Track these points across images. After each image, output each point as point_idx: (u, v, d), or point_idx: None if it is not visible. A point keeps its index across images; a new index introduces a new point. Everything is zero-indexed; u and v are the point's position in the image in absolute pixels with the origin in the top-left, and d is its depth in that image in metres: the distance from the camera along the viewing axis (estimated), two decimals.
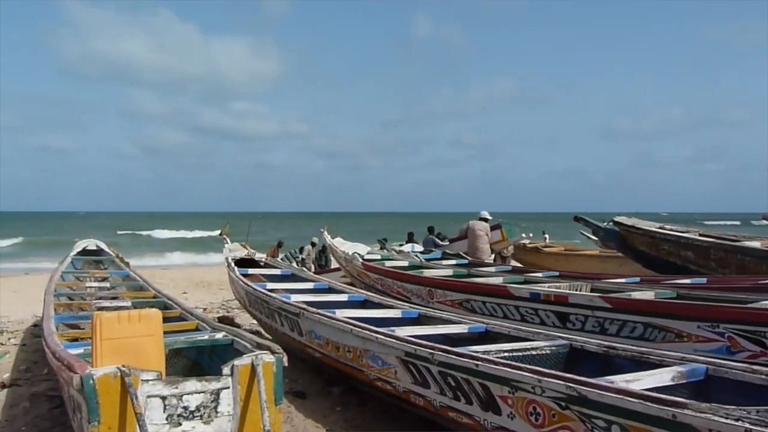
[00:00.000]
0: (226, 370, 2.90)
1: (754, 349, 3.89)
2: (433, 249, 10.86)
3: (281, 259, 14.87)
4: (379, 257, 9.05)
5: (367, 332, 4.05)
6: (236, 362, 2.93)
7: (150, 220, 70.68)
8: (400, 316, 5.11)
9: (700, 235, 8.09)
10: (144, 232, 49.95)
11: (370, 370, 4.08)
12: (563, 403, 2.68)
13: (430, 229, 13.56)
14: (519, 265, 11.55)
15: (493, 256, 12.36)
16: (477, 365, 3.11)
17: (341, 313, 4.83)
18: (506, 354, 3.52)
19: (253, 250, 8.55)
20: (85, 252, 9.20)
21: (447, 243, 12.23)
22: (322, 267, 15.32)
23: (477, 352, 3.39)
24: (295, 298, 5.62)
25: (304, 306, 5.03)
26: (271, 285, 6.66)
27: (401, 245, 11.06)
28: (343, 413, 4.47)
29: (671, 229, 8.33)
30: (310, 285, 6.76)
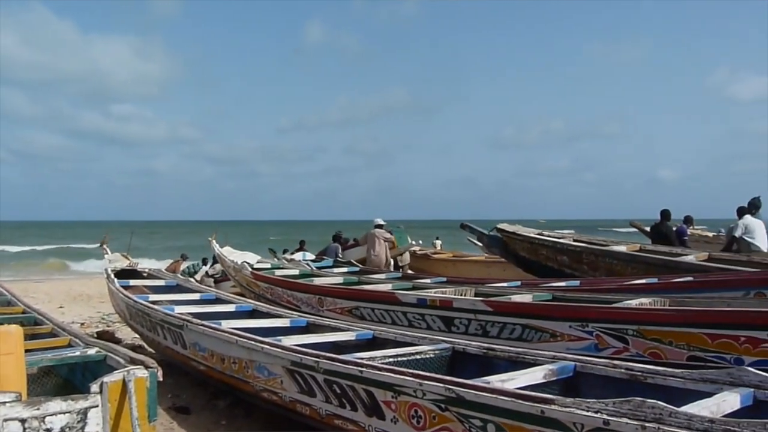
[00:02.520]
0: (94, 387, 2.74)
1: (618, 346, 4.19)
2: (339, 257, 10.85)
3: (181, 273, 14.16)
4: (269, 266, 8.92)
5: (253, 342, 3.98)
6: (106, 379, 2.77)
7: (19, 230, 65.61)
8: (288, 325, 5.07)
9: (574, 240, 8.63)
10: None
11: (256, 381, 4.01)
12: (443, 405, 2.76)
13: (335, 237, 13.51)
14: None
15: (392, 263, 12.55)
16: (361, 372, 3.14)
17: (227, 324, 4.72)
18: (391, 359, 3.57)
19: (135, 260, 8.16)
20: None
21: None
22: None
23: (362, 358, 3.43)
24: (179, 309, 5.42)
25: (188, 318, 4.87)
26: (154, 297, 6.39)
27: (292, 253, 10.98)
28: (229, 426, 4.36)
29: (548, 235, 8.83)
30: (195, 296, 6.55)
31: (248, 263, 8.42)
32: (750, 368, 2.77)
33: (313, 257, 10.69)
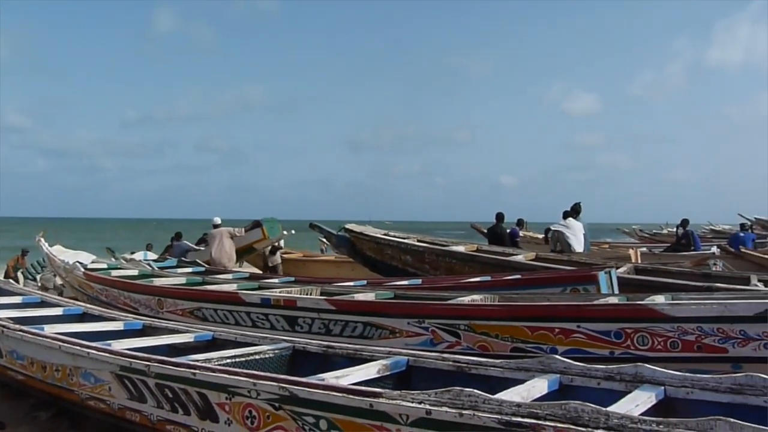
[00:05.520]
0: None
1: (452, 340, 4.46)
2: (185, 258, 10.42)
3: (21, 273, 12.68)
4: (105, 266, 8.36)
5: (78, 348, 3.72)
6: None
7: None
8: (122, 328, 4.79)
9: (418, 240, 9.02)
10: None
11: (82, 389, 3.75)
12: (277, 404, 2.77)
13: (177, 236, 12.93)
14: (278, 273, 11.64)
15: (238, 262, 12.27)
16: (194, 374, 3.06)
17: (53, 329, 4.36)
18: (229, 361, 3.52)
19: None
20: None
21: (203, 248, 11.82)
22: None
23: (198, 360, 3.34)
24: None
25: (4, 323, 4.44)
26: None
27: (133, 253, 10.40)
28: None
29: (394, 236, 9.14)
30: (17, 299, 5.98)
31: (81, 263, 7.84)
32: (557, 356, 3.08)
33: (155, 257, 10.19)
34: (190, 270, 8.55)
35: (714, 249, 11.55)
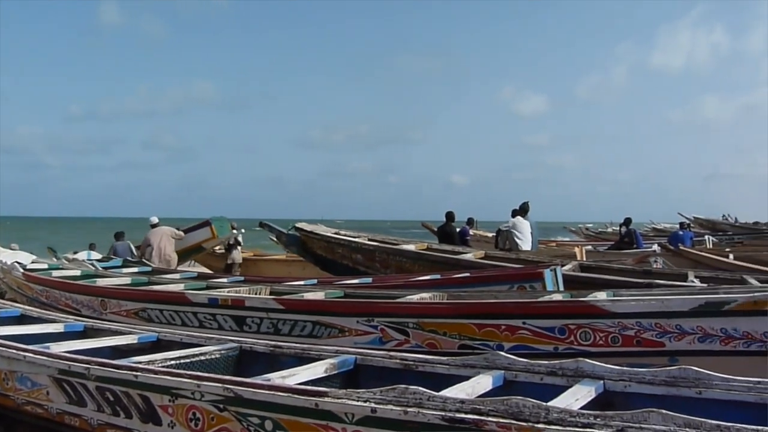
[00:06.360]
0: None
1: (400, 338, 4.48)
2: (130, 257, 10.16)
3: None
4: (45, 267, 8.09)
5: (14, 351, 3.57)
6: None
7: None
8: (62, 330, 4.64)
9: (368, 239, 9.04)
10: None
11: (18, 393, 3.61)
12: (221, 405, 2.73)
13: (118, 235, 12.55)
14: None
15: (173, 262, 12.00)
16: (136, 376, 2.99)
17: None
18: (173, 362, 3.45)
19: None
20: None
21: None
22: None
23: (141, 362, 3.27)
24: None
25: None
26: None
27: (75, 252, 10.09)
28: None
29: (344, 235, 9.14)
30: None
31: (20, 263, 7.57)
32: (502, 353, 3.13)
33: (99, 257, 9.91)
34: (135, 270, 8.34)
35: (655, 247, 11.97)
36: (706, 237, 16.87)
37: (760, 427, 1.91)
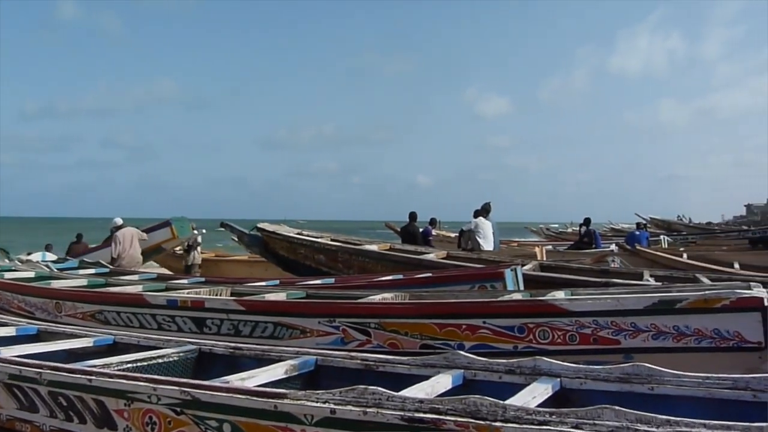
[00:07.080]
0: None
1: (362, 338, 4.48)
2: (86, 258, 9.92)
3: None
4: None
5: None
6: None
7: None
8: (14, 334, 4.50)
9: (331, 240, 9.02)
10: None
11: None
12: (179, 409, 2.69)
13: (78, 237, 12.30)
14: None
15: (140, 265, 11.80)
16: (90, 380, 2.92)
17: None
18: (129, 365, 3.38)
19: None
20: None
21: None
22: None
23: (95, 366, 3.19)
24: None
25: None
26: None
27: (29, 253, 9.81)
28: None
29: (307, 235, 9.10)
30: None
31: None
32: (462, 352, 3.15)
33: (55, 258, 9.65)
34: (92, 271, 8.15)
35: (613, 246, 12.24)
36: (662, 237, 17.32)
37: (707, 421, 1.97)
